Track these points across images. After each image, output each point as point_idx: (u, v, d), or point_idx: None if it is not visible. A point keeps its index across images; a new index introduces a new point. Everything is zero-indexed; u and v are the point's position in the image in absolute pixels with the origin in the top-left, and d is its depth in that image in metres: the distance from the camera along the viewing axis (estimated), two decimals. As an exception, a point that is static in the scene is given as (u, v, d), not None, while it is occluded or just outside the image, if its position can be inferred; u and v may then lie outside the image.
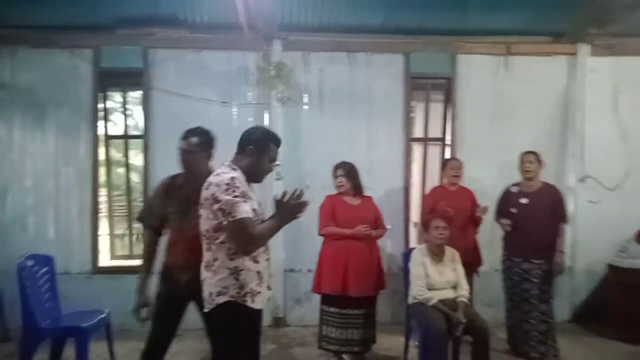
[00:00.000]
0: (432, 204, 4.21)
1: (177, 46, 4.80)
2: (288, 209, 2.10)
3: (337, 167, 3.79)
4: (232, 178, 2.04)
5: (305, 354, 4.03)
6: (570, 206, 4.68)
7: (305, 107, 4.89)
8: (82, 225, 4.75)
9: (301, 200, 2.10)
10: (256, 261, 2.11)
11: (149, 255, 2.72)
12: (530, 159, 4.00)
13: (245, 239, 2.01)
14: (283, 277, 4.77)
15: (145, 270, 2.72)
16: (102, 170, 5.02)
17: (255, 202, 2.14)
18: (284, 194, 2.11)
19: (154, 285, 2.72)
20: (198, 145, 2.61)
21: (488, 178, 5.00)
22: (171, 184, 2.70)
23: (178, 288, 2.57)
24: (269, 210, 2.22)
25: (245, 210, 2.00)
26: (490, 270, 4.95)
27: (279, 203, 2.10)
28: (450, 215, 3.82)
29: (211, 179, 2.08)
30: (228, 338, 2.10)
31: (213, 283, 2.07)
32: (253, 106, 4.82)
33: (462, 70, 5.00)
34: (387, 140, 4.97)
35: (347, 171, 3.73)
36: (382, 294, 4.24)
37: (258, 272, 2.12)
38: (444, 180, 4.46)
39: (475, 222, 4.21)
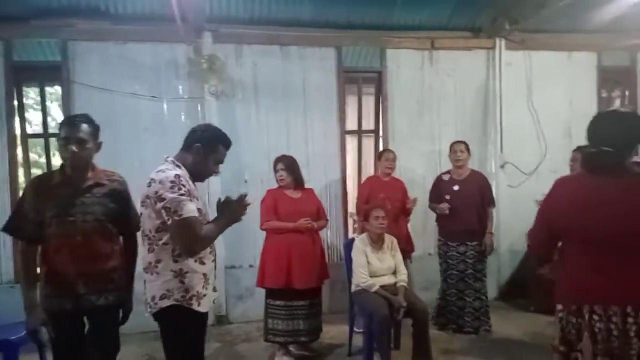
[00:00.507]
0: (367, 194, 4.36)
1: (99, 39, 4.51)
2: (232, 210, 2.10)
3: (278, 161, 3.79)
4: (177, 176, 1.97)
5: (251, 350, 4.02)
6: (493, 191, 5.03)
7: (240, 101, 4.82)
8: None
9: (244, 202, 2.12)
10: (202, 263, 2.06)
11: (29, 269, 2.23)
12: (461, 149, 4.25)
13: (191, 239, 1.95)
14: (224, 274, 4.69)
15: (30, 287, 2.22)
16: (20, 172, 4.63)
17: (200, 202, 2.09)
18: (228, 197, 2.13)
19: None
20: (91, 134, 2.21)
21: (419, 167, 5.27)
22: (46, 183, 2.24)
23: (68, 306, 2.20)
24: (213, 209, 2.21)
25: (191, 209, 1.94)
26: (424, 255, 5.24)
27: (224, 204, 2.10)
28: (388, 208, 3.98)
29: (154, 175, 1.99)
30: (173, 342, 2.04)
31: (156, 286, 1.99)
32: (185, 101, 4.66)
33: (391, 64, 5.18)
34: (323, 133, 5.04)
35: (288, 165, 3.74)
36: (333, 283, 4.35)
37: (204, 275, 2.07)
38: (378, 171, 4.61)
39: (406, 212, 4.42)
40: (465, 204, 4.15)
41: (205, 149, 2.10)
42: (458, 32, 5.30)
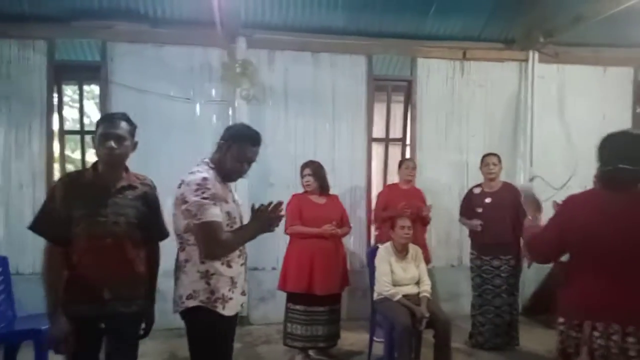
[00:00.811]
0: (385, 202, 4.38)
1: (137, 40, 4.65)
2: (264, 219, 2.05)
3: (305, 166, 3.83)
4: (204, 179, 1.97)
5: (270, 352, 4.06)
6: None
7: (270, 105, 4.89)
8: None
9: (278, 212, 2.07)
10: (229, 266, 2.06)
11: (54, 271, 2.04)
12: (494, 161, 4.18)
13: (211, 243, 1.94)
14: (247, 276, 4.75)
15: (53, 292, 2.02)
16: (56, 167, 4.80)
17: (230, 205, 2.09)
18: (262, 205, 2.06)
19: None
20: (129, 132, 2.12)
21: (444, 177, 5.25)
22: (76, 181, 2.12)
23: (91, 312, 2.06)
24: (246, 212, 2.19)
25: (213, 213, 1.93)
26: (447, 266, 5.21)
27: (257, 212, 2.06)
28: (408, 214, 3.95)
29: (185, 177, 2.02)
30: (197, 342, 2.06)
31: (184, 285, 2.03)
32: (217, 103, 4.76)
33: (421, 73, 5.18)
34: (350, 139, 5.07)
35: (314, 170, 3.78)
36: (356, 290, 4.36)
37: (231, 278, 2.06)
38: (398, 179, 4.61)
39: (423, 221, 4.38)
40: (498, 216, 4.05)
41: (227, 146, 2.10)
42: (490, 43, 5.26)
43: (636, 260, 1.83)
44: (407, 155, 5.34)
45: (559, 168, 5.29)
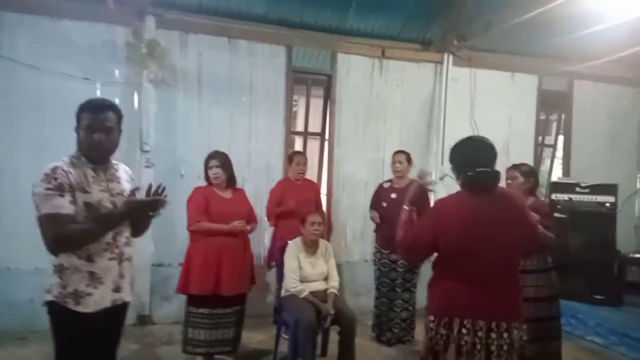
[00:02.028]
0: (279, 197, 4.31)
1: (32, 11, 4.17)
2: (136, 204, 1.91)
3: (211, 157, 3.56)
4: (54, 168, 1.86)
5: (172, 353, 3.80)
6: (432, 202, 5.10)
7: (182, 91, 4.61)
8: None
9: (159, 198, 1.92)
10: (91, 260, 1.90)
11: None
12: (400, 159, 4.28)
13: (50, 237, 1.80)
14: (150, 272, 4.47)
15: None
16: None
17: (95, 195, 1.92)
18: (136, 189, 1.96)
19: None
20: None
21: (360, 173, 5.27)
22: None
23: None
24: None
25: (55, 204, 1.80)
26: (360, 261, 5.24)
27: (128, 198, 1.95)
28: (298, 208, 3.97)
29: None
30: (54, 339, 1.92)
31: (48, 278, 1.92)
32: (121, 85, 4.38)
33: (341, 68, 5.15)
34: (268, 132, 4.92)
35: (223, 161, 3.52)
36: (258, 287, 4.21)
37: (91, 273, 1.90)
38: (289, 174, 4.57)
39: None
40: (400, 212, 4.13)
41: (77, 124, 1.97)
42: (408, 44, 5.35)
43: (500, 259, 1.95)
44: (326, 151, 5.31)
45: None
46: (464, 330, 1.89)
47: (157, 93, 4.43)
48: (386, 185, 4.39)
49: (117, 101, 4.27)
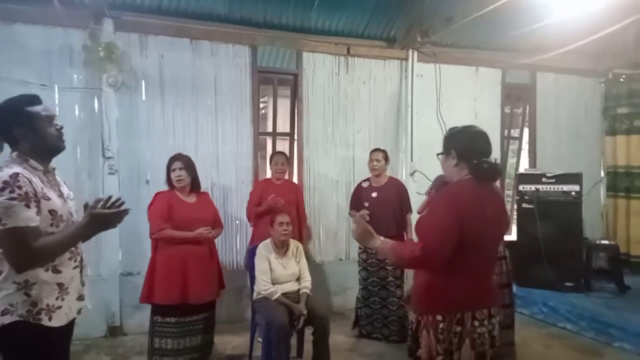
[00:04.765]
0: (259, 197, 4.25)
1: (-19, 16, 4.01)
2: (98, 216, 1.75)
3: (175, 158, 3.46)
4: (14, 175, 1.66)
5: (144, 364, 3.70)
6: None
7: (143, 94, 4.49)
8: None
9: (119, 209, 1.79)
10: (57, 271, 1.78)
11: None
12: (377, 157, 4.27)
13: (18, 252, 1.66)
14: (119, 282, 4.33)
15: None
16: None
17: (55, 202, 1.80)
18: (98, 201, 1.78)
19: None
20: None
21: (331, 172, 5.25)
22: None
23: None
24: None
25: (24, 216, 1.65)
26: (335, 260, 5.22)
27: (90, 210, 1.77)
28: (281, 205, 3.91)
29: None
30: None
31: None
32: (80, 91, 4.23)
33: (307, 67, 5.11)
34: (235, 133, 4.83)
35: (187, 164, 3.43)
36: (229, 291, 4.14)
37: (59, 285, 1.80)
38: (270, 175, 4.52)
39: (301, 217, 4.43)
40: (382, 210, 4.12)
41: (25, 126, 1.80)
42: (373, 41, 5.35)
43: (496, 248, 2.03)
44: (296, 151, 5.27)
45: (436, 163, 5.48)
46: (476, 323, 1.87)
47: (118, 97, 4.30)
48: (365, 184, 4.37)
49: (76, 107, 4.25)
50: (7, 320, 1.69)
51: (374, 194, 4.25)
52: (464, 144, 2.01)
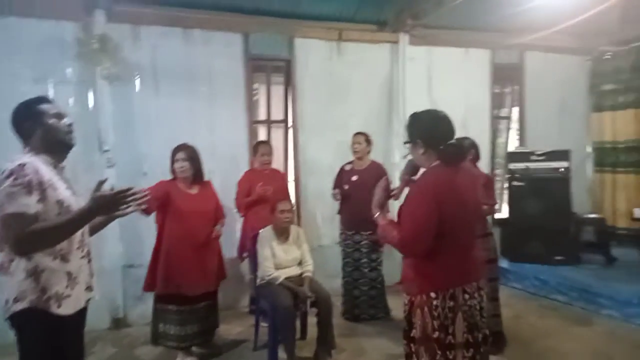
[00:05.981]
0: (248, 187, 4.29)
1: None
2: (102, 200, 1.78)
3: (178, 149, 3.46)
4: (22, 164, 1.76)
5: (151, 353, 3.76)
6: (396, 181, 5.19)
7: (137, 85, 4.49)
8: None
9: (125, 192, 1.81)
10: (65, 260, 1.86)
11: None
12: (359, 140, 4.35)
13: (15, 237, 1.71)
14: (122, 274, 4.39)
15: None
16: None
17: (63, 192, 1.87)
18: (101, 183, 1.84)
19: None
20: None
21: (327, 157, 5.28)
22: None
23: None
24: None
25: (22, 203, 1.72)
26: (331, 244, 5.30)
27: (95, 194, 1.80)
28: (269, 194, 3.98)
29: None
30: (28, 350, 1.83)
31: (10, 287, 1.80)
32: (74, 84, 4.22)
33: (300, 53, 5.12)
34: (230, 122, 4.85)
35: (190, 154, 3.44)
36: (232, 279, 4.21)
37: (68, 273, 1.87)
38: (255, 164, 4.57)
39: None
40: (360, 193, 4.14)
41: (33, 123, 1.91)
42: (365, 25, 5.37)
43: (475, 223, 2.17)
44: (290, 137, 5.31)
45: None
46: (466, 296, 1.97)
47: (113, 89, 4.29)
48: (347, 167, 4.46)
49: (71, 101, 4.23)
50: (19, 307, 1.78)
51: (354, 177, 4.34)
52: (428, 132, 2.06)
